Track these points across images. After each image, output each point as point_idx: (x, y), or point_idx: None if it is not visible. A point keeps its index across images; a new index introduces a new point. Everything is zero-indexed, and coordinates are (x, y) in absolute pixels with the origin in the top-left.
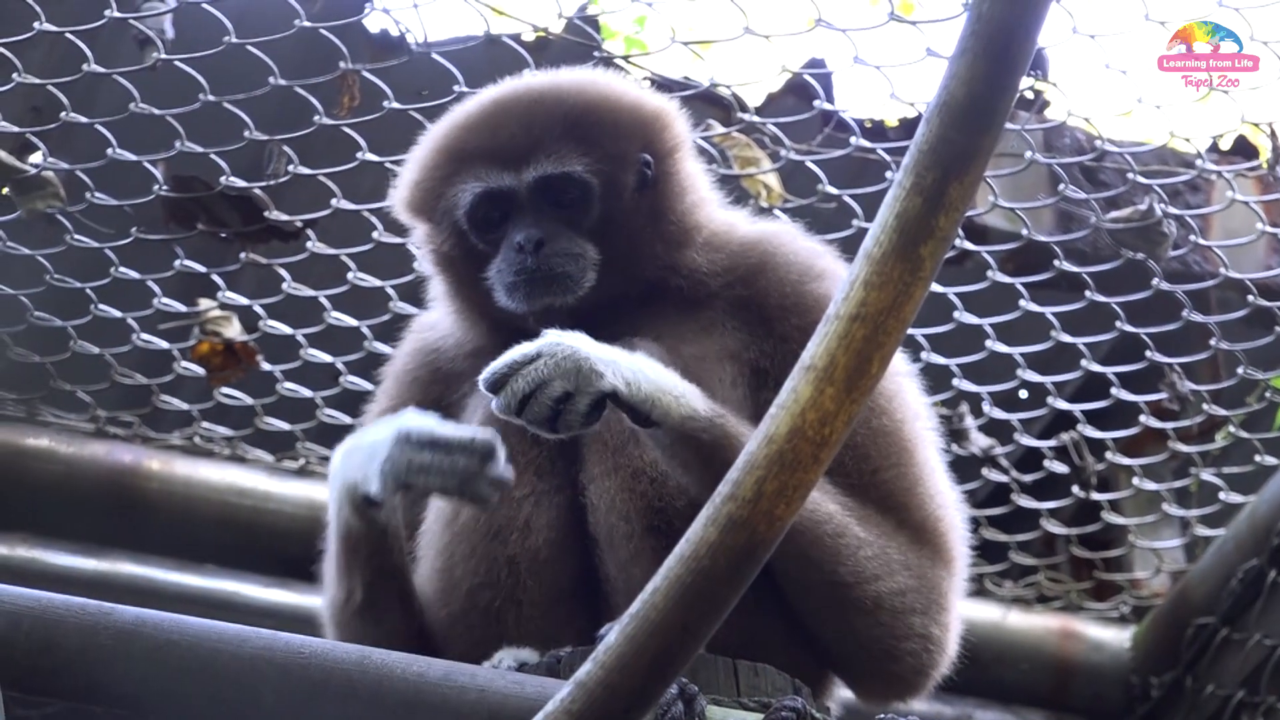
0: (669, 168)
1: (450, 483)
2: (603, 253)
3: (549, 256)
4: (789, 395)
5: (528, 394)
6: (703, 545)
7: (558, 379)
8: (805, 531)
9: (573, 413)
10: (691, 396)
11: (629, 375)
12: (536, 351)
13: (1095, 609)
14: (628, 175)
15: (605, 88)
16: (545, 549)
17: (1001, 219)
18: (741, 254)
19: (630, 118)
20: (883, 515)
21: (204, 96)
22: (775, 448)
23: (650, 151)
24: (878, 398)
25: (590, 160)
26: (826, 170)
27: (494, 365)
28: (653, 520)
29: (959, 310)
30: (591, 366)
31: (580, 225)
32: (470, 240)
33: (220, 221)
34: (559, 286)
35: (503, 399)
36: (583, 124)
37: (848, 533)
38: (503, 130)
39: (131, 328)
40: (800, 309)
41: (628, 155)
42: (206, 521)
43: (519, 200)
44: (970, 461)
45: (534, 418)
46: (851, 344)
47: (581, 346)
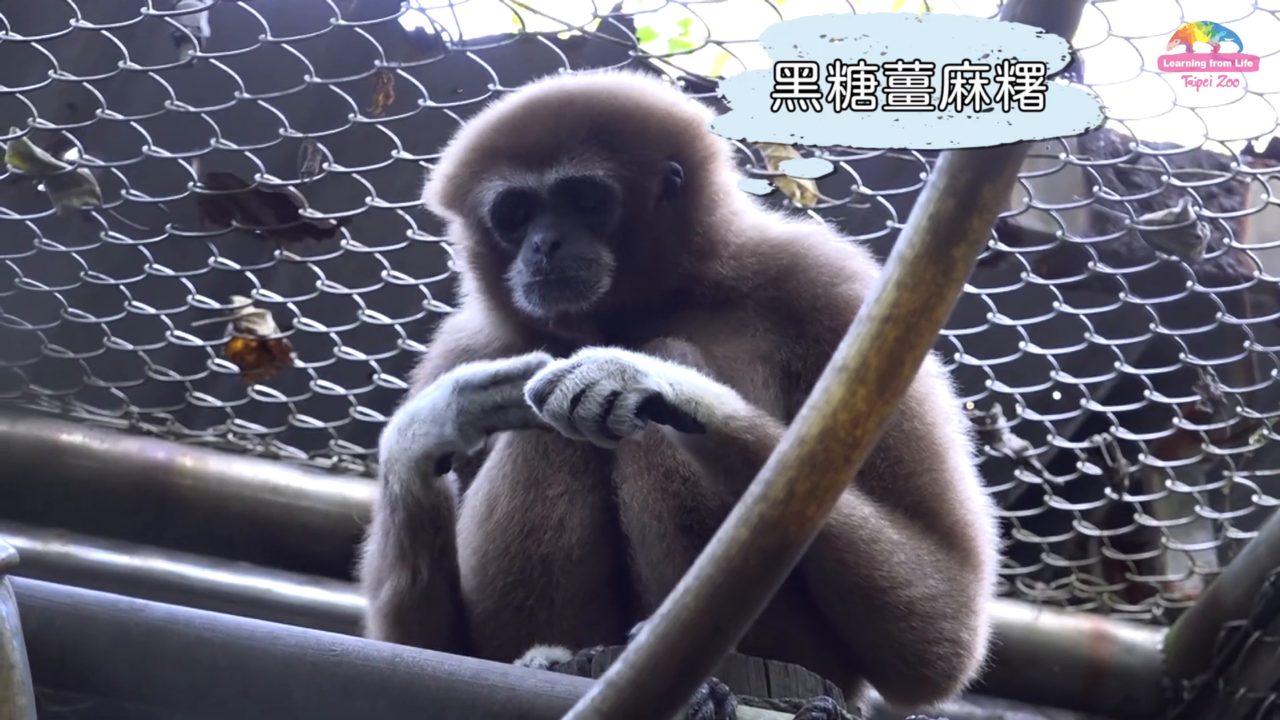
0: (700, 179)
1: (528, 413)
2: (620, 260)
3: (563, 260)
4: (821, 396)
5: (577, 396)
6: (734, 545)
7: (605, 379)
8: (840, 536)
9: (622, 409)
10: (730, 398)
11: (670, 377)
12: (578, 361)
13: (1127, 611)
14: (653, 183)
15: (637, 92)
16: (578, 548)
17: (1036, 221)
18: (772, 256)
19: (660, 125)
20: (913, 519)
21: (239, 94)
22: (807, 448)
23: (680, 160)
24: (909, 400)
25: (614, 165)
26: (861, 171)
27: (539, 375)
28: (685, 520)
29: (993, 312)
30: (635, 368)
31: (601, 230)
32: (494, 238)
33: (255, 219)
34: (572, 291)
35: (554, 400)
36: (610, 128)
37: (882, 537)
38: (530, 131)
39: (165, 324)
40: (832, 310)
41: (654, 163)
42: (239, 519)
43: (541, 201)
44: (1003, 463)
45: (586, 414)
46: (884, 345)
47: (621, 355)
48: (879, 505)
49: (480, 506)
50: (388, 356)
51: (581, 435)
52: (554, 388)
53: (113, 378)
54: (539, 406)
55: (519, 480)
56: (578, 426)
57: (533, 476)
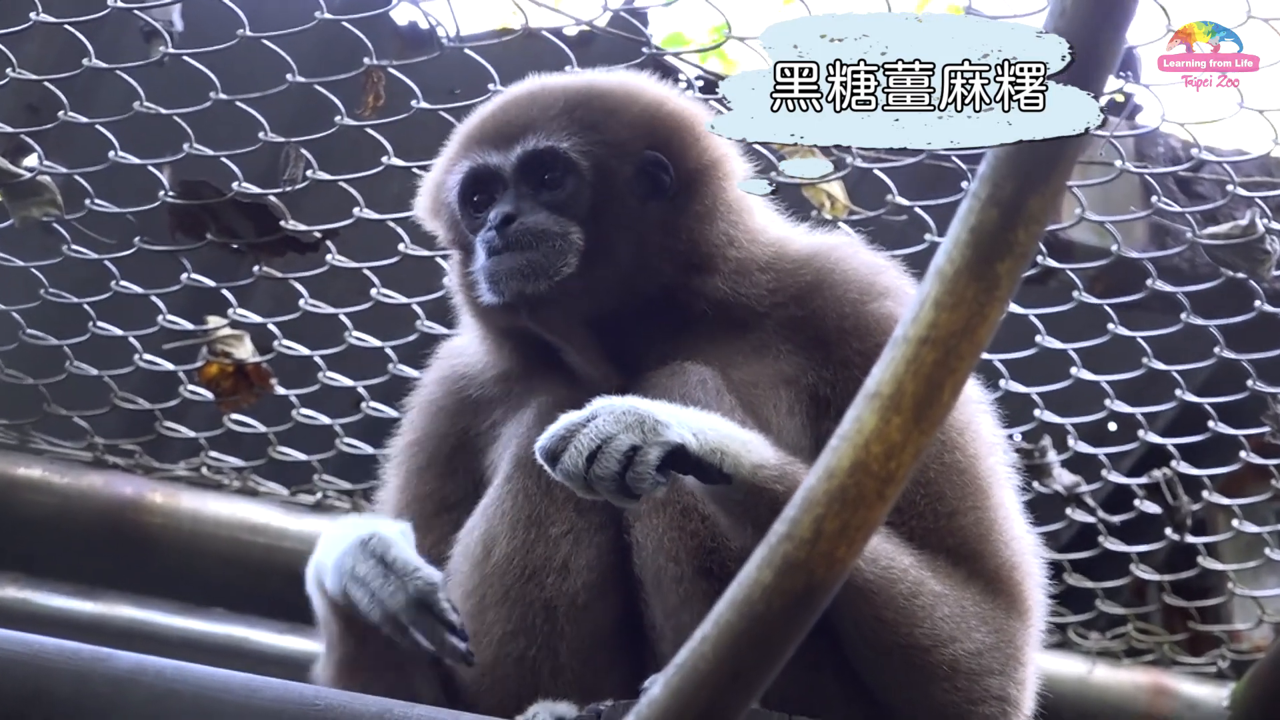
0: (695, 186)
1: (373, 609)
2: (590, 243)
3: (516, 233)
4: (852, 425)
5: (593, 453)
6: (756, 589)
7: (622, 433)
8: (878, 591)
9: (643, 465)
10: (758, 444)
11: (694, 426)
12: (592, 413)
13: (1190, 663)
14: (625, 166)
15: (624, 81)
16: (584, 592)
17: (1089, 234)
18: (793, 272)
19: (643, 111)
20: (956, 565)
21: (215, 95)
22: (836, 483)
23: (669, 158)
24: (949, 430)
25: (581, 140)
26: (897, 179)
27: (549, 431)
28: (705, 562)
29: (1041, 334)
30: (655, 418)
31: (568, 210)
32: (463, 230)
33: (231, 231)
34: (530, 268)
35: (568, 460)
36: (584, 106)
37: (923, 590)
38: (503, 113)
39: (133, 347)
40: (862, 331)
41: (627, 145)
42: (214, 560)
43: (505, 180)
44: (1053, 500)
45: (603, 473)
46: (920, 369)
47: (639, 404)
48: (918, 551)
49: (475, 547)
50: (378, 383)
51: (598, 495)
52: (567, 444)
53: (75, 406)
54: (551, 466)
55: (519, 518)
56: (594, 486)
57: (534, 514)
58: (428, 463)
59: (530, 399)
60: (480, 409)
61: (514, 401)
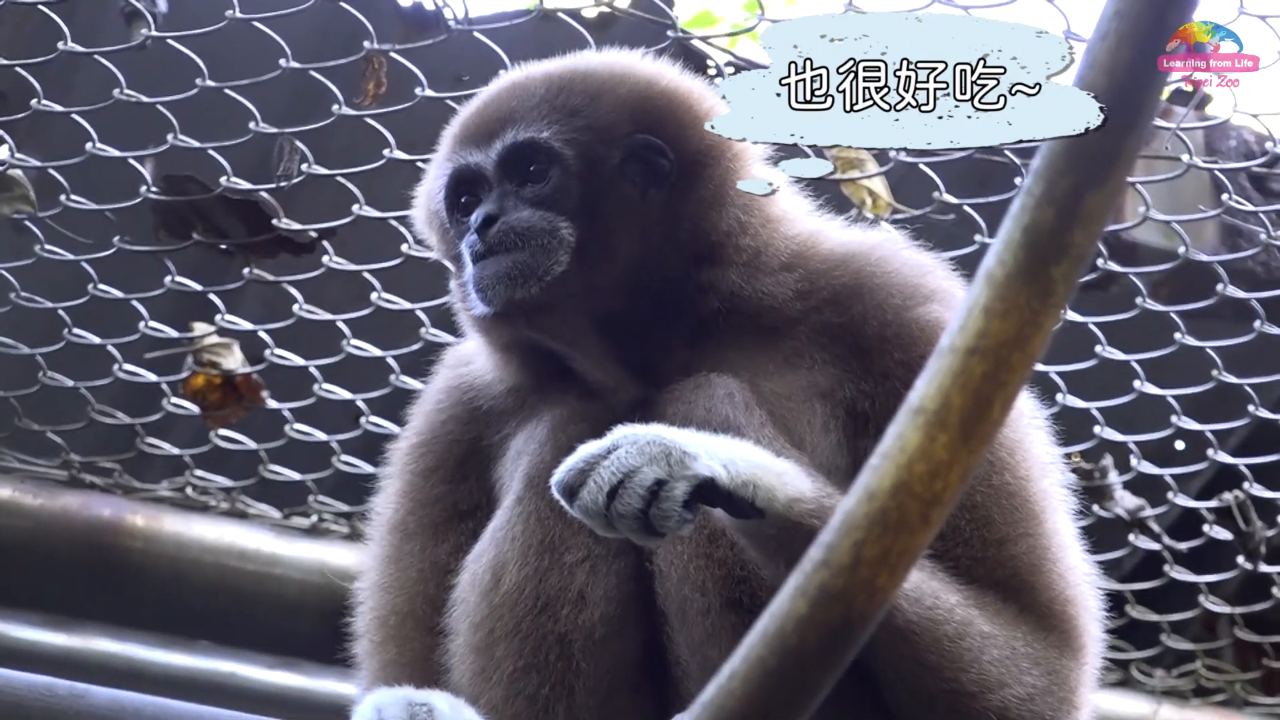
0: (698, 169)
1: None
2: (584, 238)
3: (500, 234)
4: (894, 443)
5: (614, 487)
6: (789, 621)
7: (646, 465)
8: (922, 633)
9: (669, 501)
10: (794, 475)
11: (724, 457)
12: (613, 443)
13: (1264, 704)
14: (613, 152)
15: (612, 62)
16: (602, 625)
17: (1154, 234)
18: (827, 272)
19: (631, 92)
20: (1006, 599)
21: (202, 82)
22: (877, 505)
23: (663, 138)
24: (999, 450)
25: (563, 128)
26: (944, 174)
27: (566, 464)
28: (734, 592)
29: (1101, 344)
30: (682, 449)
31: (556, 204)
32: (451, 237)
33: (220, 231)
34: (517, 270)
35: (587, 495)
36: (566, 91)
37: (970, 631)
38: (484, 109)
39: (113, 356)
40: (905, 339)
41: (614, 129)
42: (200, 589)
43: (488, 179)
44: (1115, 525)
45: (625, 510)
46: (968, 382)
47: (664, 433)
48: (965, 584)
49: (484, 575)
50: (378, 396)
51: (618, 534)
52: (586, 478)
53: (49, 420)
54: (569, 501)
55: (531, 544)
56: (616, 524)
57: (548, 539)
58: (436, 464)
59: (544, 410)
60: (492, 421)
61: (527, 413)
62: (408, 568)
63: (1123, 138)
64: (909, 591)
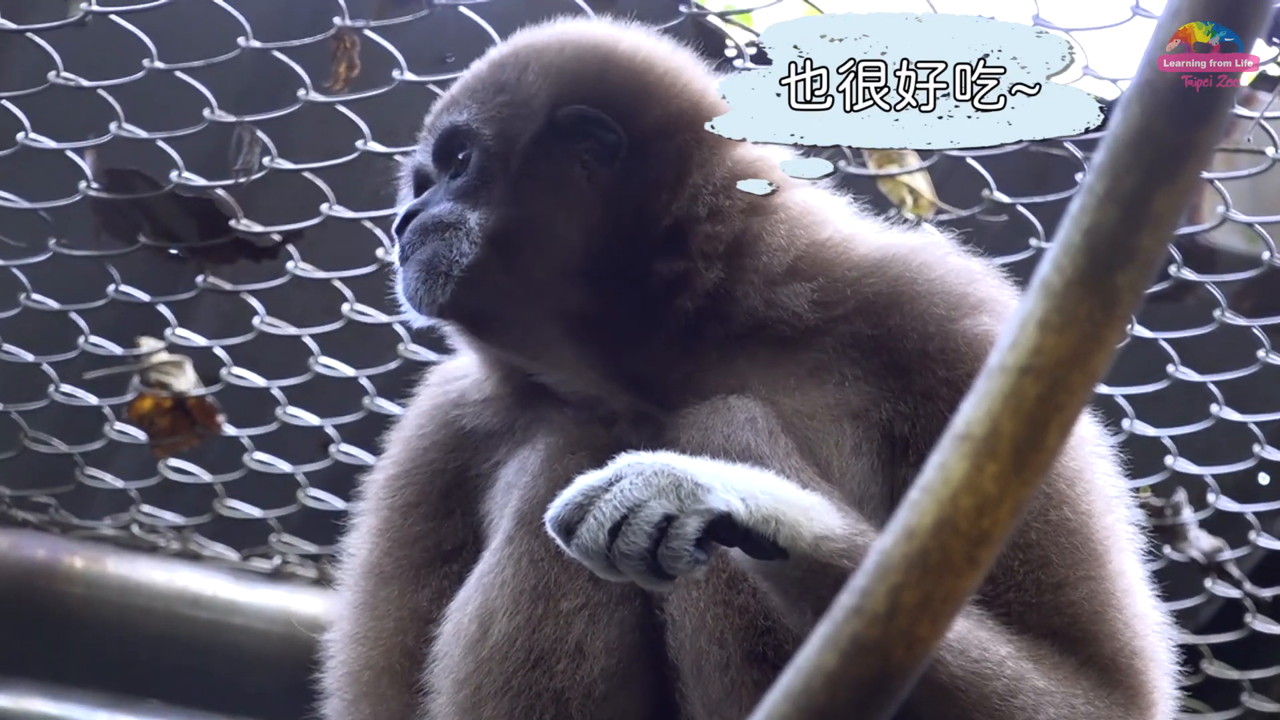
0: (653, 145)
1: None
2: (500, 225)
3: (410, 232)
4: (936, 474)
5: (617, 524)
6: (818, 676)
7: (653, 498)
8: (967, 690)
9: (679, 539)
10: (821, 510)
11: (741, 489)
12: (616, 474)
13: None
14: (530, 125)
15: (563, 30)
16: (604, 681)
17: (1235, 238)
18: (858, 279)
19: (565, 57)
20: (1063, 652)
21: (150, 63)
22: (917, 544)
23: (611, 110)
24: (1057, 481)
25: (484, 107)
26: (995, 171)
27: (563, 498)
28: (756, 645)
29: (1174, 363)
30: (694, 480)
31: (474, 193)
32: None
33: (170, 233)
34: (429, 270)
35: (586, 533)
36: (499, 66)
37: (1023, 687)
38: (439, 100)
39: (48, 376)
40: (950, 354)
41: (534, 99)
42: (147, 641)
43: (433, 177)
44: (1189, 569)
45: (630, 549)
46: (1021, 405)
47: (673, 461)
48: (1018, 633)
49: (470, 625)
50: (350, 421)
51: (622, 576)
52: (585, 514)
53: None
54: (566, 540)
55: (523, 589)
56: (619, 566)
57: (542, 584)
58: (417, 499)
59: (539, 435)
60: (480, 445)
61: (520, 437)
62: (384, 616)
63: (1196, 129)
64: (953, 643)
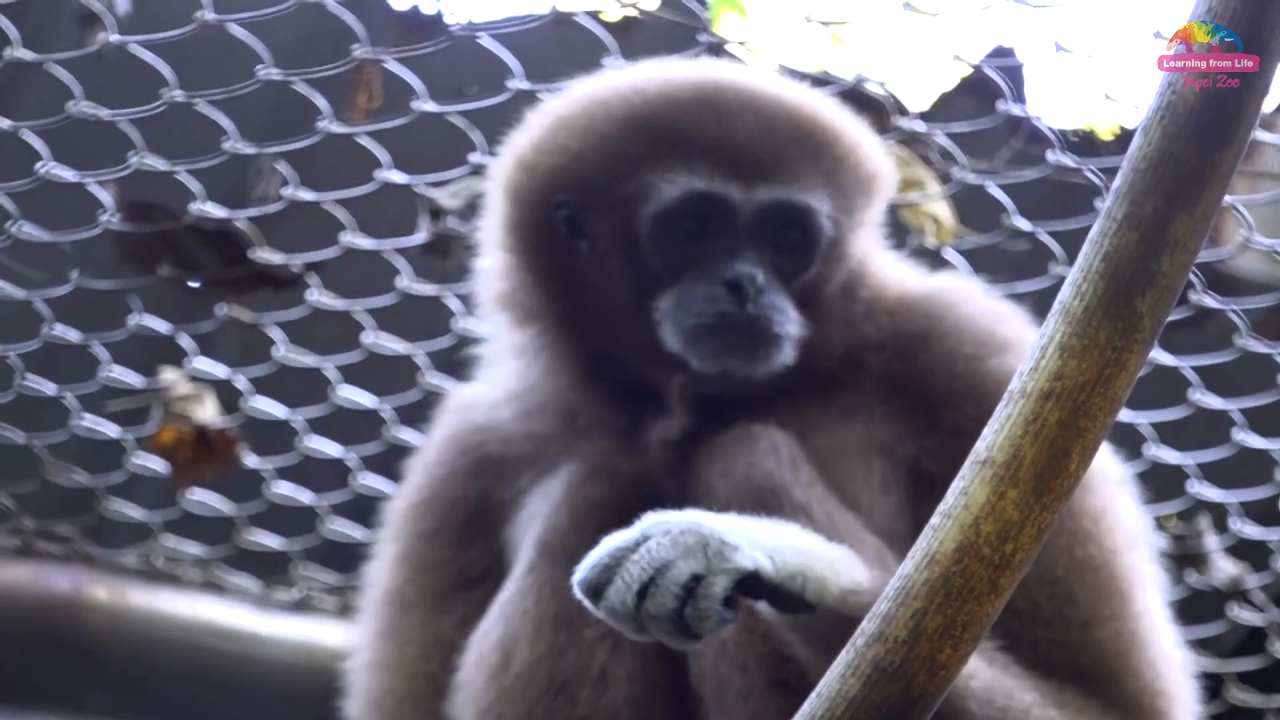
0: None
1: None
2: (805, 323)
3: (768, 309)
4: (958, 500)
5: (644, 585)
6: (840, 703)
7: (681, 559)
8: None
9: (707, 600)
10: (848, 563)
11: (768, 546)
12: (642, 534)
13: None
14: (855, 231)
15: (838, 114)
16: (627, 709)
17: (1257, 263)
18: (900, 321)
19: (867, 159)
20: (1088, 694)
21: (169, 93)
22: (939, 570)
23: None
24: (1082, 518)
25: (834, 204)
26: (1015, 196)
27: (591, 560)
28: (778, 672)
29: (1196, 389)
30: (721, 539)
31: (792, 287)
32: (642, 251)
33: (190, 264)
34: (764, 351)
35: (614, 594)
36: (831, 154)
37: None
38: (738, 124)
39: (70, 408)
40: (977, 393)
41: (857, 206)
42: (171, 672)
43: (734, 222)
44: (1211, 597)
45: (658, 610)
46: (1042, 430)
47: (700, 519)
48: (1044, 676)
49: (492, 654)
50: (370, 452)
51: (650, 637)
52: (613, 575)
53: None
54: (594, 602)
55: (545, 618)
56: (647, 627)
57: (564, 613)
58: (439, 526)
59: (563, 463)
60: (504, 471)
61: (545, 465)
62: (406, 643)
63: (1217, 152)
64: (979, 692)
